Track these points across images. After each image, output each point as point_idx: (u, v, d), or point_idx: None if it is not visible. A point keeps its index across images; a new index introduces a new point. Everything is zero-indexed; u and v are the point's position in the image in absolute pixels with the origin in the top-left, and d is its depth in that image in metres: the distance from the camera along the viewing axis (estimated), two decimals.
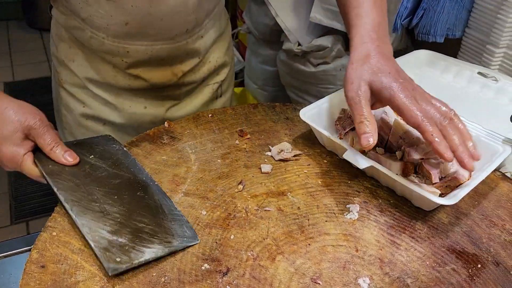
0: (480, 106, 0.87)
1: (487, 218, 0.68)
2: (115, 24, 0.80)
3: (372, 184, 0.73)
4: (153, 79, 0.90)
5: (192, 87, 0.97)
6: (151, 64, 0.87)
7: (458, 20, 0.98)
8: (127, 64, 0.86)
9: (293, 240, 0.63)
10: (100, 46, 0.85)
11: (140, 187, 0.68)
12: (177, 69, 0.91)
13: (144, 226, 0.61)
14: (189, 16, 0.84)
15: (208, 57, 0.96)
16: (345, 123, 0.81)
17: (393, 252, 0.62)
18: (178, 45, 0.86)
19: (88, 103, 0.93)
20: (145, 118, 0.94)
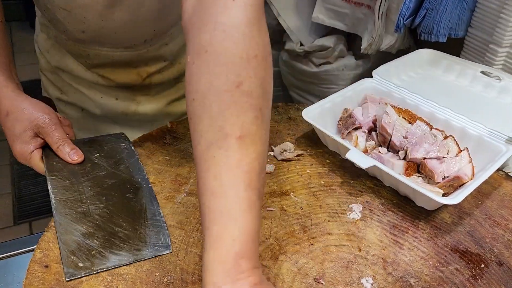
0: (483, 105, 0.87)
1: (490, 218, 0.68)
2: (72, 31, 0.80)
3: (375, 184, 0.73)
4: (119, 79, 0.90)
5: (161, 87, 0.95)
6: (115, 66, 0.87)
7: (461, 19, 0.98)
8: (90, 65, 0.87)
9: (296, 240, 0.63)
10: (64, 46, 0.87)
11: (131, 189, 0.69)
12: (143, 70, 0.90)
13: (120, 230, 0.62)
14: (145, 29, 0.82)
15: (178, 60, 0.95)
16: (348, 123, 0.81)
17: (396, 252, 0.62)
18: (138, 52, 0.86)
19: (64, 90, 0.94)
20: (117, 109, 0.94)
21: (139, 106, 0.95)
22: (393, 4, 1.06)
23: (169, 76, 0.95)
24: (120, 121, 0.96)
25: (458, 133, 0.77)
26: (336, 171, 0.76)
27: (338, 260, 0.60)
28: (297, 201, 0.69)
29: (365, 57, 1.29)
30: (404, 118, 0.78)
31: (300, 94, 1.43)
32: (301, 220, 0.66)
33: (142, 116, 0.96)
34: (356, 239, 0.63)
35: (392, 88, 0.87)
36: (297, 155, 0.78)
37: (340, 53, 1.27)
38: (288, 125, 0.87)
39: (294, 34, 1.30)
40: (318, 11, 1.24)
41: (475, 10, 0.98)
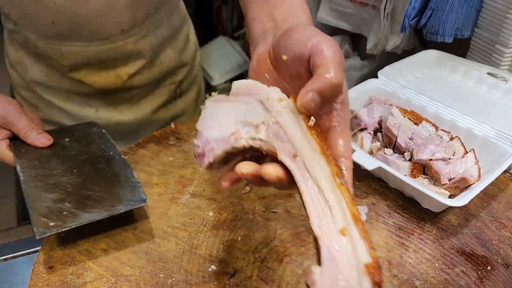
0: (489, 107, 0.86)
1: (496, 219, 0.68)
2: (43, 25, 0.75)
3: (380, 186, 0.73)
4: (97, 84, 0.85)
5: (143, 90, 0.91)
6: (92, 67, 0.82)
7: (467, 19, 0.97)
8: (65, 67, 0.82)
9: (301, 242, 0.62)
10: (35, 49, 0.81)
11: (104, 161, 0.69)
12: (122, 71, 0.85)
13: (93, 193, 0.62)
14: (122, 17, 0.78)
15: (159, 58, 0.89)
16: (353, 124, 0.80)
17: (402, 254, 0.61)
18: (115, 45, 0.80)
19: (40, 107, 0.90)
20: (99, 121, 0.88)
21: (121, 115, 0.91)
22: (399, 4, 1.06)
23: (151, 77, 0.90)
24: None
25: (464, 134, 0.76)
26: None
27: None
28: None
29: (370, 58, 1.28)
30: (410, 119, 0.77)
31: None
32: (306, 222, 0.65)
33: (126, 126, 0.92)
34: None
35: (397, 89, 0.87)
36: None
37: (345, 54, 1.27)
38: None
39: None
40: (323, 11, 1.24)
41: (481, 10, 0.98)
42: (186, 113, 1.02)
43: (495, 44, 0.95)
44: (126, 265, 0.58)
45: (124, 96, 0.89)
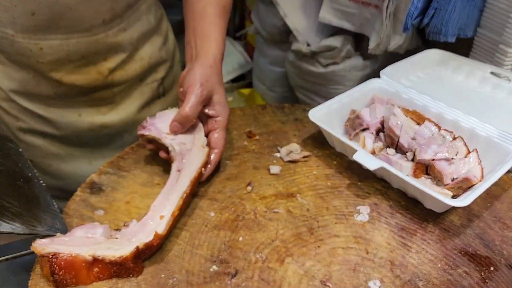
0: (493, 107, 0.86)
1: (500, 220, 0.67)
2: (21, 16, 0.72)
3: (383, 186, 0.73)
4: (78, 82, 0.82)
5: (125, 86, 0.89)
6: (72, 63, 0.80)
7: (469, 19, 0.97)
8: (45, 66, 0.79)
9: (303, 242, 0.62)
10: (11, 47, 0.77)
11: (22, 179, 0.64)
12: (102, 67, 0.83)
13: (11, 206, 0.58)
14: (103, 6, 0.77)
15: (139, 53, 0.88)
16: (355, 124, 0.80)
17: (404, 254, 0.61)
18: (96, 38, 0.79)
19: (20, 117, 0.86)
20: (82, 126, 0.87)
21: (105, 117, 0.89)
22: (401, 4, 1.05)
23: (132, 73, 0.88)
24: (87, 140, 0.90)
25: (467, 134, 0.76)
26: (343, 173, 0.75)
27: (345, 262, 0.59)
28: (304, 203, 0.69)
29: (373, 58, 1.28)
30: (412, 119, 0.77)
31: (306, 95, 1.42)
32: (308, 222, 0.66)
33: (111, 129, 0.90)
34: (364, 241, 0.63)
35: (400, 89, 0.86)
36: (304, 156, 0.78)
37: (347, 54, 1.26)
38: (295, 126, 0.87)
39: (301, 35, 1.29)
40: (325, 11, 1.23)
41: (484, 9, 0.97)
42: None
43: (498, 43, 0.95)
44: None
45: (106, 95, 0.87)
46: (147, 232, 0.58)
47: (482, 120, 0.76)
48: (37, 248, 0.55)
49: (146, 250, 0.57)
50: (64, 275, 0.54)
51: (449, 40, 0.99)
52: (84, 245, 0.56)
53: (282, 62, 1.52)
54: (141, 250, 0.56)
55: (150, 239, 0.57)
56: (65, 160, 0.90)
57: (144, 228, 0.59)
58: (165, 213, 0.61)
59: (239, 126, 0.86)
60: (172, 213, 0.61)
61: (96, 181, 0.72)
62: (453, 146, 0.71)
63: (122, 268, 0.56)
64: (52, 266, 0.54)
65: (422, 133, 0.74)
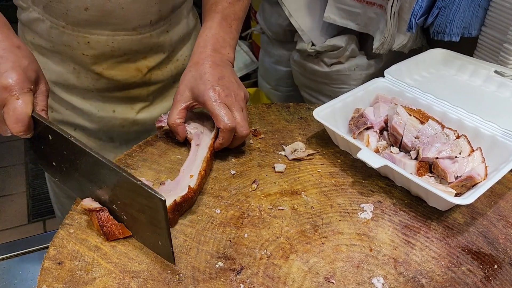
0: (497, 105, 0.86)
1: (503, 218, 0.67)
2: (74, 10, 0.76)
3: (387, 184, 0.73)
4: (117, 76, 0.86)
5: (160, 86, 0.93)
6: (114, 59, 0.84)
7: (474, 18, 0.97)
8: (88, 59, 0.82)
9: (307, 239, 0.63)
10: (59, 37, 0.80)
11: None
12: (142, 64, 0.87)
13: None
14: (152, 7, 0.80)
15: (175, 54, 0.92)
16: (359, 123, 0.80)
17: (408, 252, 0.61)
18: (141, 37, 0.83)
19: (56, 108, 0.90)
20: (115, 122, 0.91)
21: (137, 115, 0.92)
22: (406, 3, 1.06)
23: (167, 73, 0.92)
24: (116, 135, 0.93)
25: (471, 133, 0.76)
26: (347, 171, 0.76)
27: (349, 259, 0.60)
28: (308, 200, 0.69)
29: (377, 57, 1.28)
30: (416, 117, 0.77)
31: (311, 94, 1.43)
32: (312, 219, 0.66)
33: (140, 126, 0.93)
34: (367, 238, 0.63)
35: (404, 88, 0.87)
36: (308, 154, 0.78)
37: (351, 53, 1.27)
38: (299, 124, 0.87)
39: (306, 34, 1.30)
40: (329, 11, 1.24)
41: (489, 8, 0.97)
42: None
43: (503, 42, 0.95)
44: (134, 261, 0.59)
45: (142, 93, 0.91)
46: (181, 187, 0.66)
47: (486, 119, 0.77)
48: (85, 205, 0.62)
49: (183, 203, 0.64)
50: (111, 227, 0.61)
51: (454, 39, 0.99)
52: None
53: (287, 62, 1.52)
54: (178, 203, 0.63)
55: (186, 192, 0.64)
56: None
57: (178, 185, 0.67)
58: (194, 173, 0.69)
59: None
60: (199, 171, 0.69)
61: None
62: (457, 144, 0.72)
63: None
64: (100, 219, 0.60)
65: (426, 131, 0.75)
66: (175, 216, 0.64)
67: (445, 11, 0.96)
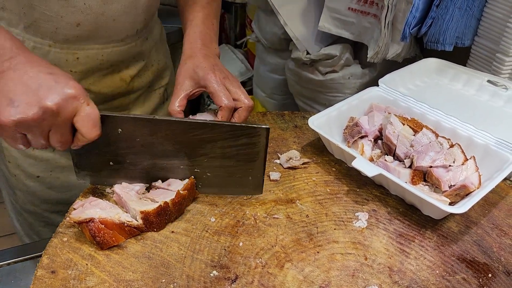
0: (490, 115, 0.87)
1: (497, 227, 0.68)
2: (65, 27, 0.73)
3: (381, 192, 0.73)
4: (104, 89, 0.85)
5: (140, 93, 0.93)
6: (101, 72, 0.83)
7: (467, 28, 0.98)
8: (76, 75, 0.80)
9: (302, 248, 0.63)
10: (44, 58, 0.75)
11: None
12: (125, 74, 0.87)
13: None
14: (139, 16, 0.81)
15: (152, 60, 0.93)
16: (354, 131, 0.81)
17: (403, 260, 0.62)
18: (128, 47, 0.83)
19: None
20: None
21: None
22: (399, 13, 1.07)
23: (146, 79, 0.92)
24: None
25: (465, 142, 0.76)
26: (342, 179, 0.76)
27: (344, 268, 0.60)
28: (303, 209, 0.69)
29: (371, 66, 1.29)
30: (410, 126, 0.78)
31: (306, 102, 1.43)
32: (307, 228, 0.66)
33: None
34: (362, 247, 0.63)
35: (398, 97, 0.87)
36: (303, 163, 0.79)
37: (346, 62, 1.28)
38: (294, 133, 0.88)
39: (301, 43, 1.30)
40: (324, 20, 1.25)
41: (481, 19, 0.99)
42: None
43: (496, 52, 0.96)
44: (128, 270, 0.59)
45: (124, 103, 0.90)
46: (171, 191, 0.68)
47: (480, 128, 0.77)
48: (74, 218, 0.61)
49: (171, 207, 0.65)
50: (104, 236, 0.61)
51: (447, 49, 1.00)
52: (111, 207, 0.65)
53: (282, 70, 1.53)
54: (164, 207, 0.64)
55: (172, 198, 0.65)
56: (73, 172, 0.89)
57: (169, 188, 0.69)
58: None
59: None
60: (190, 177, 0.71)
61: (98, 186, 0.73)
62: (451, 153, 0.72)
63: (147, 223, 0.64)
64: (91, 230, 0.61)
65: (420, 140, 0.75)
66: (162, 220, 0.65)
67: (439, 21, 0.97)
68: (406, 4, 1.05)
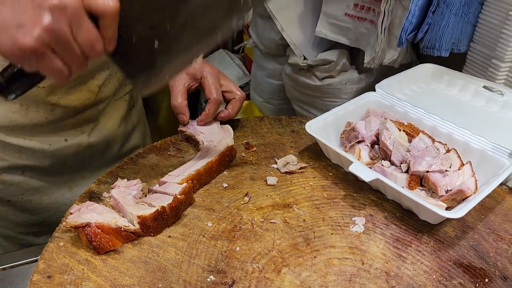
0: (486, 120, 0.87)
1: (494, 232, 0.68)
2: None
3: (378, 197, 0.73)
4: (73, 102, 0.82)
5: (107, 103, 0.91)
6: (70, 84, 0.80)
7: (463, 34, 0.99)
8: (44, 90, 0.77)
9: (299, 253, 0.63)
10: None
11: None
12: (92, 84, 0.85)
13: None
14: None
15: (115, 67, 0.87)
16: (351, 136, 0.81)
17: (399, 265, 0.62)
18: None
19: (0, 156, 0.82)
20: (68, 151, 0.86)
21: (90, 138, 0.89)
22: (396, 19, 1.08)
23: (113, 88, 0.91)
24: (70, 166, 0.89)
25: (461, 147, 0.77)
26: (339, 184, 0.76)
27: (341, 273, 0.60)
28: (300, 213, 0.69)
29: (368, 71, 1.29)
30: (406, 131, 0.78)
31: (303, 107, 1.43)
32: (304, 232, 0.66)
33: (95, 149, 0.90)
34: (359, 252, 0.63)
35: (395, 102, 0.88)
36: (300, 167, 0.79)
37: (343, 67, 1.28)
38: (292, 138, 0.88)
39: (298, 48, 1.31)
40: (321, 25, 1.25)
41: (477, 25, 0.99)
42: (140, 123, 1.03)
43: (491, 58, 0.97)
44: (125, 275, 0.59)
45: (93, 114, 0.88)
46: (168, 194, 0.68)
47: (476, 133, 0.78)
48: (70, 222, 0.61)
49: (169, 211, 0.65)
50: (100, 241, 0.61)
51: (443, 55, 1.00)
52: (108, 212, 0.64)
53: (279, 75, 1.53)
54: (161, 211, 0.64)
55: (169, 202, 0.65)
56: (46, 192, 0.89)
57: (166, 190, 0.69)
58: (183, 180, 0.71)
59: (236, 137, 0.87)
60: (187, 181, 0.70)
61: (95, 191, 0.73)
62: (447, 158, 0.73)
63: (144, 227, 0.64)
64: (88, 234, 0.60)
65: (416, 145, 0.76)
66: (159, 224, 0.65)
67: (435, 27, 0.98)
68: (403, 10, 1.05)
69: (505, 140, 0.75)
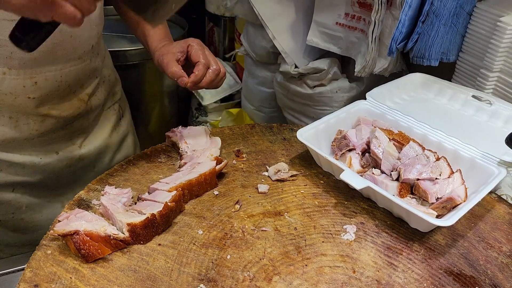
0: (475, 129, 0.88)
1: (484, 240, 0.68)
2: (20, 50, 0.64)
3: (369, 205, 0.73)
4: (64, 113, 0.82)
5: (97, 112, 0.91)
6: (59, 94, 0.80)
7: (452, 44, 1.00)
8: (34, 101, 0.76)
9: (290, 261, 0.62)
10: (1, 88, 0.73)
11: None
12: (82, 94, 0.85)
13: None
14: (94, 31, 0.81)
15: (103, 75, 0.92)
16: (342, 144, 0.81)
17: (391, 273, 0.62)
18: (84, 64, 0.82)
19: None
20: (60, 164, 0.86)
21: (81, 149, 0.88)
22: (386, 29, 1.09)
23: (102, 96, 0.91)
24: (61, 180, 0.88)
25: (450, 155, 0.77)
26: (330, 192, 0.76)
27: (332, 281, 0.60)
28: (291, 221, 0.69)
29: (359, 80, 1.30)
30: (396, 139, 0.78)
31: (294, 115, 1.44)
32: (295, 240, 0.66)
33: (86, 160, 0.90)
34: (350, 260, 0.63)
35: (385, 110, 0.88)
36: (292, 175, 0.79)
37: (334, 76, 1.29)
38: (283, 145, 0.88)
39: (289, 57, 1.32)
40: (312, 34, 1.26)
41: (466, 35, 1.01)
42: (129, 134, 1.03)
43: (480, 68, 0.98)
44: (114, 284, 0.58)
45: (84, 124, 0.88)
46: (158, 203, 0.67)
47: (465, 142, 0.78)
48: (58, 231, 0.60)
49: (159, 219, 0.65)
50: (89, 249, 0.60)
51: (433, 64, 1.02)
52: (97, 220, 0.63)
53: (270, 83, 1.54)
54: (151, 219, 0.64)
55: (160, 210, 0.65)
56: (38, 210, 0.87)
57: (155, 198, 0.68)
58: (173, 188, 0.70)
59: (227, 145, 0.87)
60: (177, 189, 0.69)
61: (84, 198, 0.72)
62: (437, 166, 0.73)
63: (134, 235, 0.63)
64: (76, 242, 0.59)
65: (406, 153, 0.76)
66: (149, 232, 0.64)
67: (424, 37, 0.99)
68: (393, 20, 1.06)
69: (493, 148, 0.76)
